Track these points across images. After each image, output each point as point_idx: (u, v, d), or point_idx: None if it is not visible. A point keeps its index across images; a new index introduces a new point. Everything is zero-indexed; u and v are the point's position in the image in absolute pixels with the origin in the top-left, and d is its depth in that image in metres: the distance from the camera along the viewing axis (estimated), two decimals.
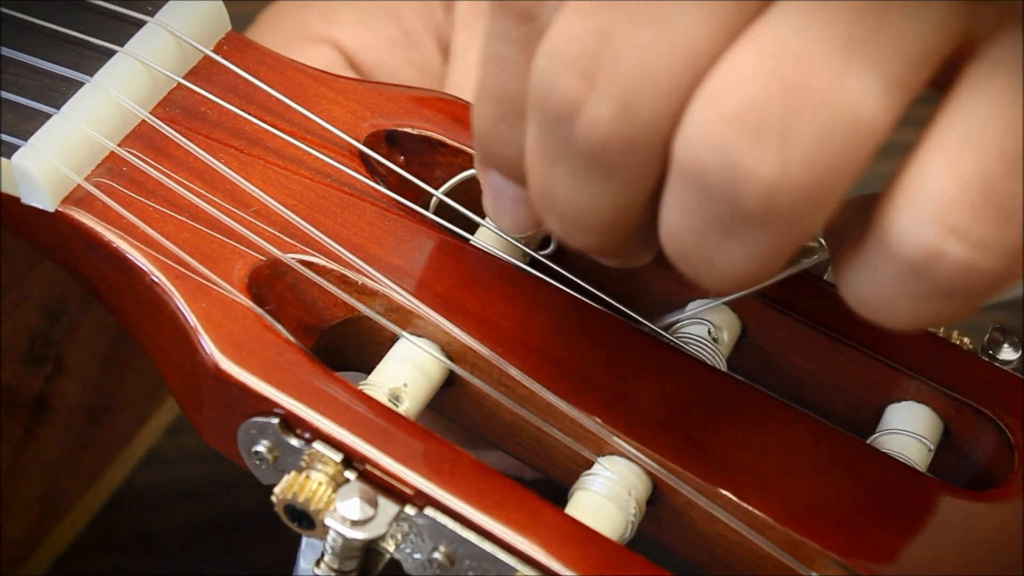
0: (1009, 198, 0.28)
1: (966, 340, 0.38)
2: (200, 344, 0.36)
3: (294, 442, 0.35)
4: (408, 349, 0.37)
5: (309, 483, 0.34)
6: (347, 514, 0.34)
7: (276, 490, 0.34)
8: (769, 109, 0.27)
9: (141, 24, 0.41)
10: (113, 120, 0.39)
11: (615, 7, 0.29)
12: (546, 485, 0.36)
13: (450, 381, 0.37)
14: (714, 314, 0.38)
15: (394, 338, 0.37)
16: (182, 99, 0.40)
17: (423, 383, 0.36)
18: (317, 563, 0.35)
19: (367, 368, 0.37)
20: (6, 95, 0.39)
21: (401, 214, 0.39)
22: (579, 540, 0.33)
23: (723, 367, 0.37)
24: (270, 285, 0.37)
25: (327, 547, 0.34)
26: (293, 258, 0.37)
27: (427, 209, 0.39)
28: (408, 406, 0.36)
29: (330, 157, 0.39)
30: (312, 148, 0.39)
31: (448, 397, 0.37)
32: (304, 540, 0.36)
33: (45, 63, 0.40)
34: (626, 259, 0.34)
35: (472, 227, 0.39)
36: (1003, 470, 0.36)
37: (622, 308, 0.38)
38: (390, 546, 0.34)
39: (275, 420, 0.35)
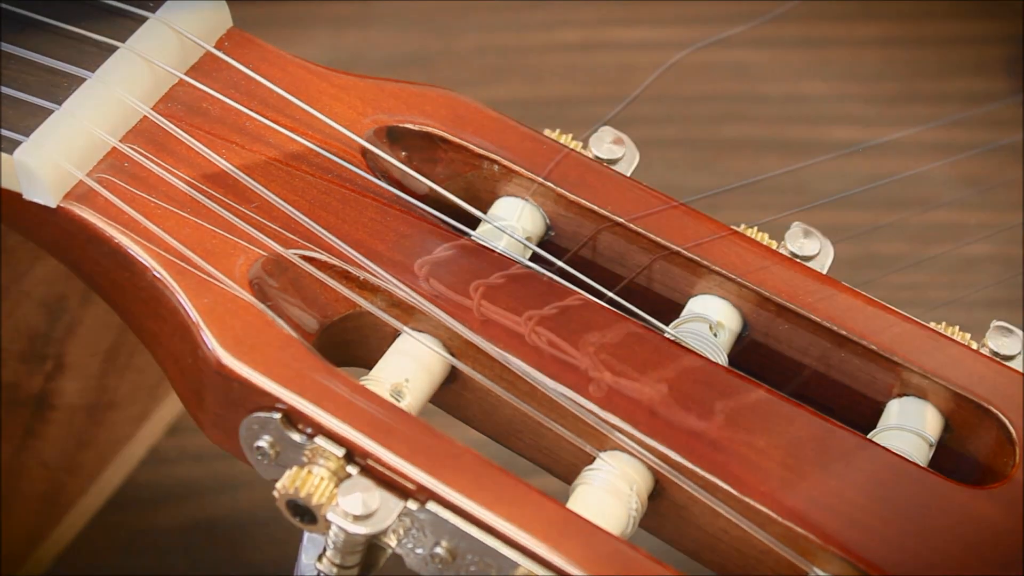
0: None
1: (967, 335, 0.38)
2: (202, 339, 0.36)
3: (296, 437, 0.35)
4: (410, 344, 0.37)
5: (311, 478, 0.34)
6: (349, 509, 0.34)
7: (278, 485, 0.34)
8: None
9: (143, 20, 0.41)
10: (115, 116, 0.39)
11: None
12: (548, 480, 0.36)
13: (452, 376, 0.37)
14: (715, 309, 0.38)
15: (395, 333, 0.37)
16: (184, 95, 0.40)
17: (425, 378, 0.36)
18: (319, 559, 0.35)
19: (369, 364, 0.37)
20: (7, 91, 0.39)
21: (402, 210, 0.39)
22: (581, 535, 0.33)
23: (724, 362, 0.38)
24: (272, 281, 0.37)
25: (329, 542, 0.34)
26: (295, 254, 0.37)
27: (428, 205, 0.39)
28: (410, 401, 0.36)
29: (332, 153, 0.39)
30: (314, 144, 0.39)
31: (450, 392, 0.37)
32: (306, 536, 0.36)
33: (46, 59, 0.40)
34: None
35: (474, 223, 0.39)
36: (1004, 465, 0.36)
37: (624, 303, 0.38)
38: (392, 541, 0.34)
39: (277, 415, 0.35)
